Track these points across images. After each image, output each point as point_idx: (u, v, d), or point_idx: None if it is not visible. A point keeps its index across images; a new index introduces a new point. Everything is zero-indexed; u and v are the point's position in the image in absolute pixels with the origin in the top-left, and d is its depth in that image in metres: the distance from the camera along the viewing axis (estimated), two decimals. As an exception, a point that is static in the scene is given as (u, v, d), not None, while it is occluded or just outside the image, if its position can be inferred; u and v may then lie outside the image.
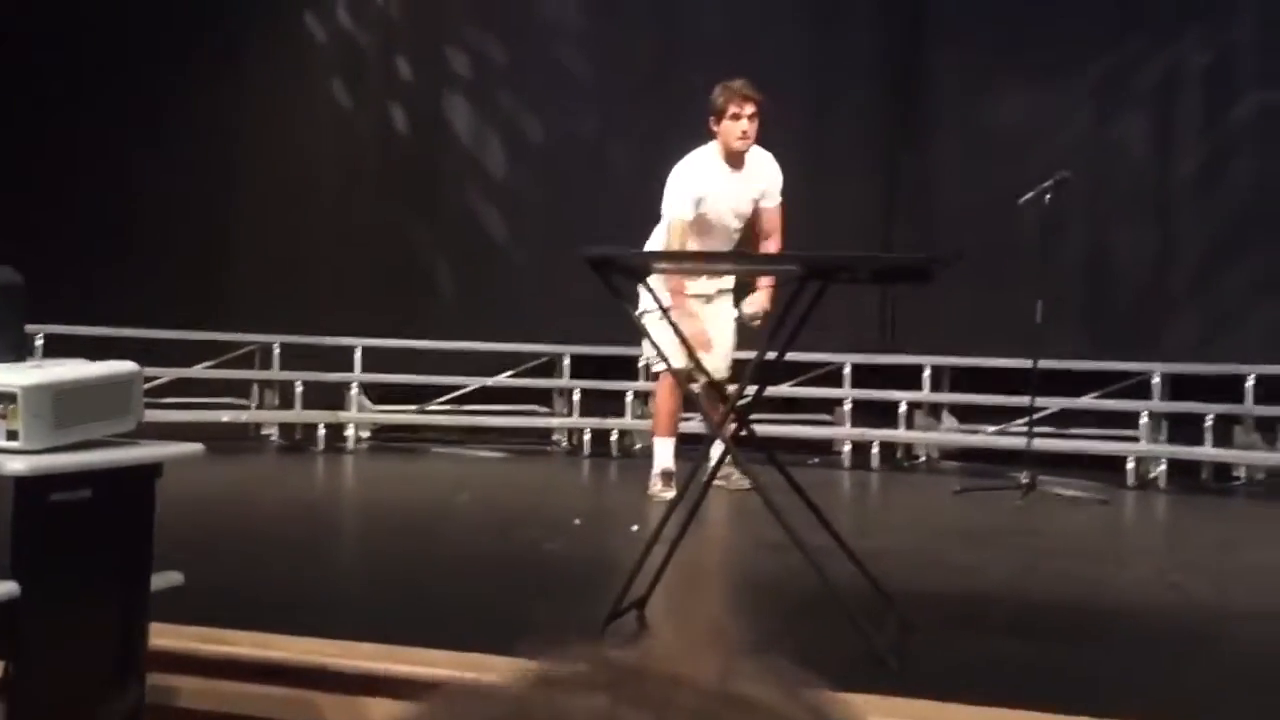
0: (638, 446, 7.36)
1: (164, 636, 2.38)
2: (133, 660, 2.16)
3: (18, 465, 1.87)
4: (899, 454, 7.20)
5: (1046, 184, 5.46)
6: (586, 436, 7.32)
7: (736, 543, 4.27)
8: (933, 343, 7.13)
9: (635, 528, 4.20)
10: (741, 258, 4.54)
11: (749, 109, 4.87)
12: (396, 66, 8.19)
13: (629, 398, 7.34)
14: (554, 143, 7.99)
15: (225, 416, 7.19)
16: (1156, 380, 6.68)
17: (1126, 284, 7.14)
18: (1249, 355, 6.52)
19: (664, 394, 5.12)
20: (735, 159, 4.96)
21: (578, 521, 4.59)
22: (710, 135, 5.01)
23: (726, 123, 4.90)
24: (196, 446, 2.21)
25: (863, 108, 7.48)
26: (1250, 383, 6.43)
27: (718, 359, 4.97)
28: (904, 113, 7.51)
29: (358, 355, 7.42)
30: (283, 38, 8.11)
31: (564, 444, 7.45)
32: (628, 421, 7.33)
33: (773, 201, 5.04)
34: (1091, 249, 7.15)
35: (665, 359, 3.91)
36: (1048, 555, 4.15)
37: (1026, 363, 5.68)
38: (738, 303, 5.13)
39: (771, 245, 5.04)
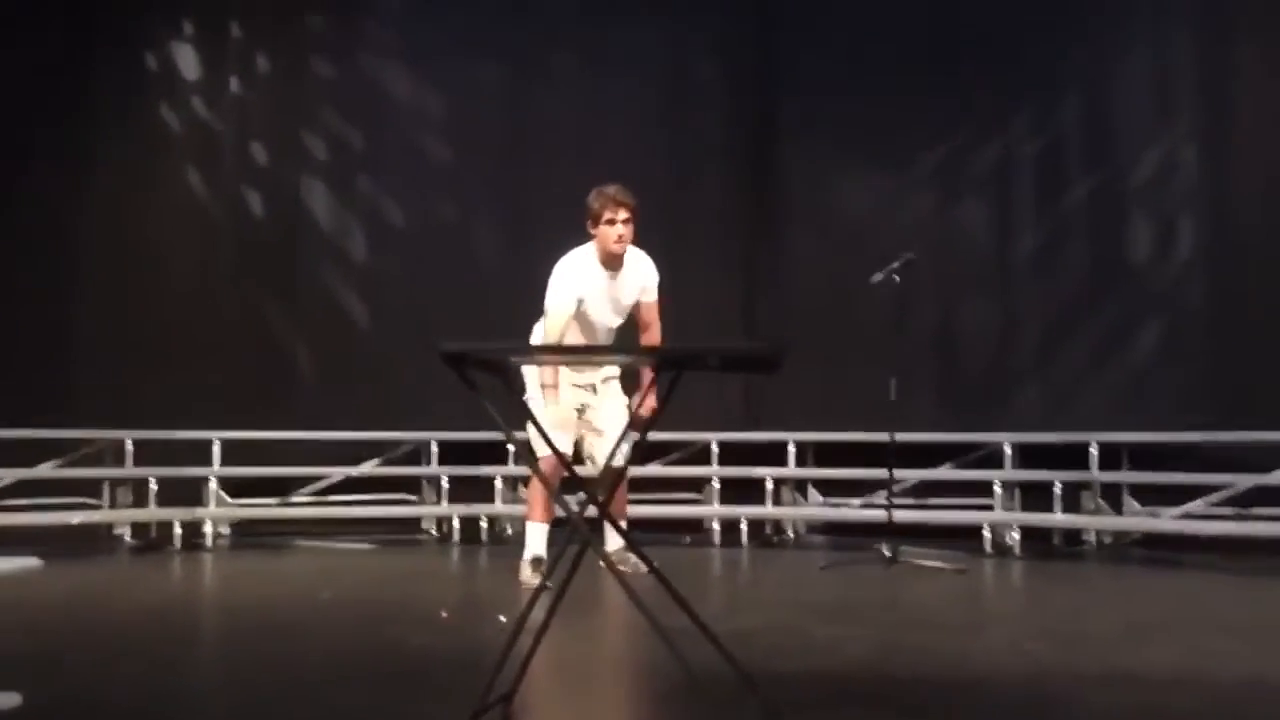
0: (508, 532, 7.32)
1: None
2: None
3: None
4: (768, 529, 7.31)
5: (895, 264, 5.69)
6: (455, 524, 7.25)
7: (604, 629, 4.26)
8: (795, 419, 7.31)
9: (503, 618, 4.17)
10: (599, 351, 4.64)
11: (623, 214, 5.03)
12: (252, 153, 8.12)
13: (498, 483, 7.31)
14: (414, 226, 8.00)
15: (75, 518, 6.89)
16: (1008, 450, 6.96)
17: (974, 358, 7.45)
18: (1091, 424, 6.85)
19: (538, 479, 5.11)
20: (612, 261, 5.13)
21: (444, 614, 4.52)
22: (588, 236, 5.14)
23: (603, 227, 5.06)
24: (33, 561, 2.13)
25: (718, 199, 7.73)
26: (1094, 450, 6.75)
27: (606, 444, 5.11)
28: (757, 203, 7.78)
29: (216, 449, 7.23)
30: (136, 127, 7.97)
31: (433, 532, 7.36)
32: (497, 507, 7.29)
33: (650, 297, 5.25)
34: (939, 326, 7.45)
35: (545, 442, 3.96)
36: (909, 628, 4.25)
37: (884, 436, 5.86)
38: (628, 389, 5.30)
39: (651, 336, 5.24)
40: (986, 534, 6.49)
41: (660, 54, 7.89)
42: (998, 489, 6.82)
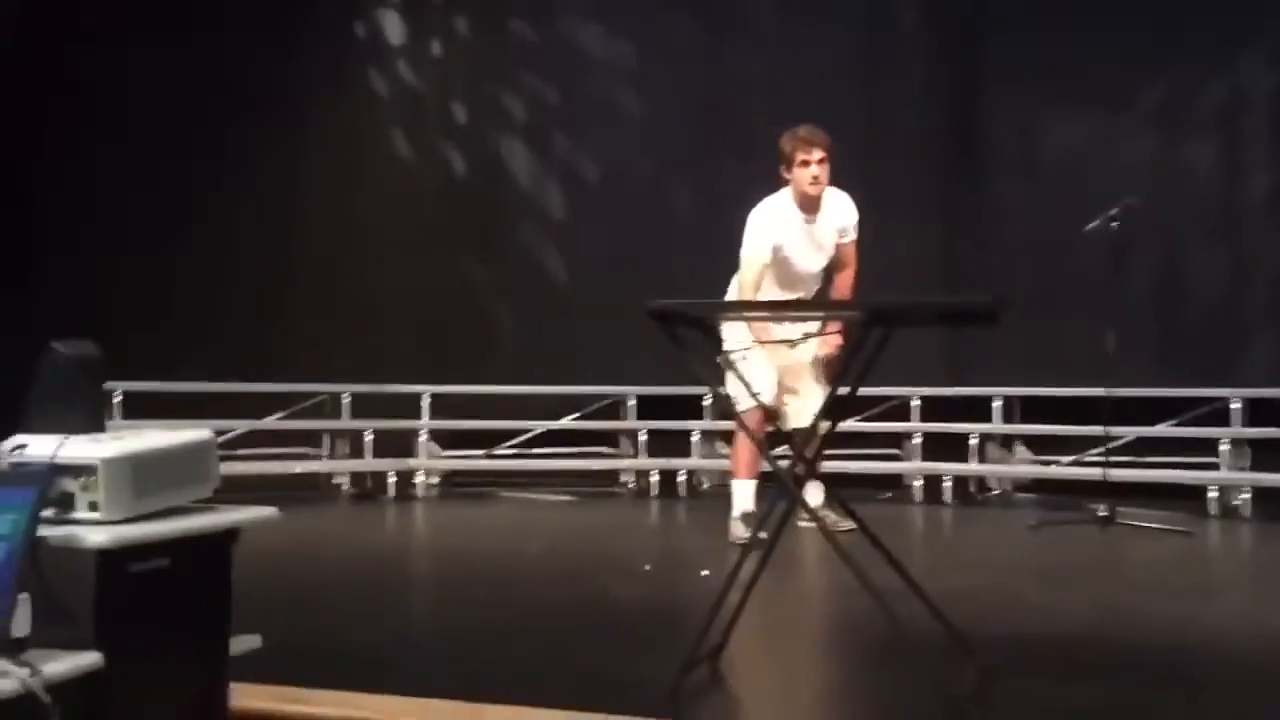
0: (705, 486, 7.35)
1: (246, 698, 2.41)
2: (214, 723, 2.19)
3: (99, 538, 1.90)
4: (972, 488, 7.10)
5: (1112, 211, 5.38)
6: (654, 478, 7.32)
7: (812, 587, 4.22)
8: (1002, 374, 7.04)
9: (706, 572, 4.18)
10: (807, 305, 4.51)
11: (817, 154, 4.91)
12: (453, 114, 8.32)
13: (695, 437, 7.33)
14: (611, 183, 8.05)
15: (298, 467, 7.28)
16: (1236, 406, 6.53)
17: (1199, 308, 7.00)
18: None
19: (743, 434, 5.07)
20: (809, 204, 5.00)
21: (648, 567, 4.57)
22: (783, 182, 5.03)
23: (796, 170, 4.94)
24: (271, 511, 2.24)
25: (920, 145, 7.45)
26: (1333, 406, 6.26)
27: (804, 403, 4.97)
28: (962, 148, 7.48)
29: (425, 402, 7.50)
30: (347, 93, 8.27)
31: (631, 485, 7.45)
32: (694, 461, 7.31)
33: (849, 237, 5.11)
34: (1161, 274, 7.02)
35: (752, 396, 3.95)
36: (1130, 592, 4.05)
37: (1099, 391, 5.58)
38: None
39: (847, 276, 5.14)
40: (1212, 495, 6.12)
41: (859, -2, 7.68)
42: (1225, 447, 6.42)
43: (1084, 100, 7.13)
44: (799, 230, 5.02)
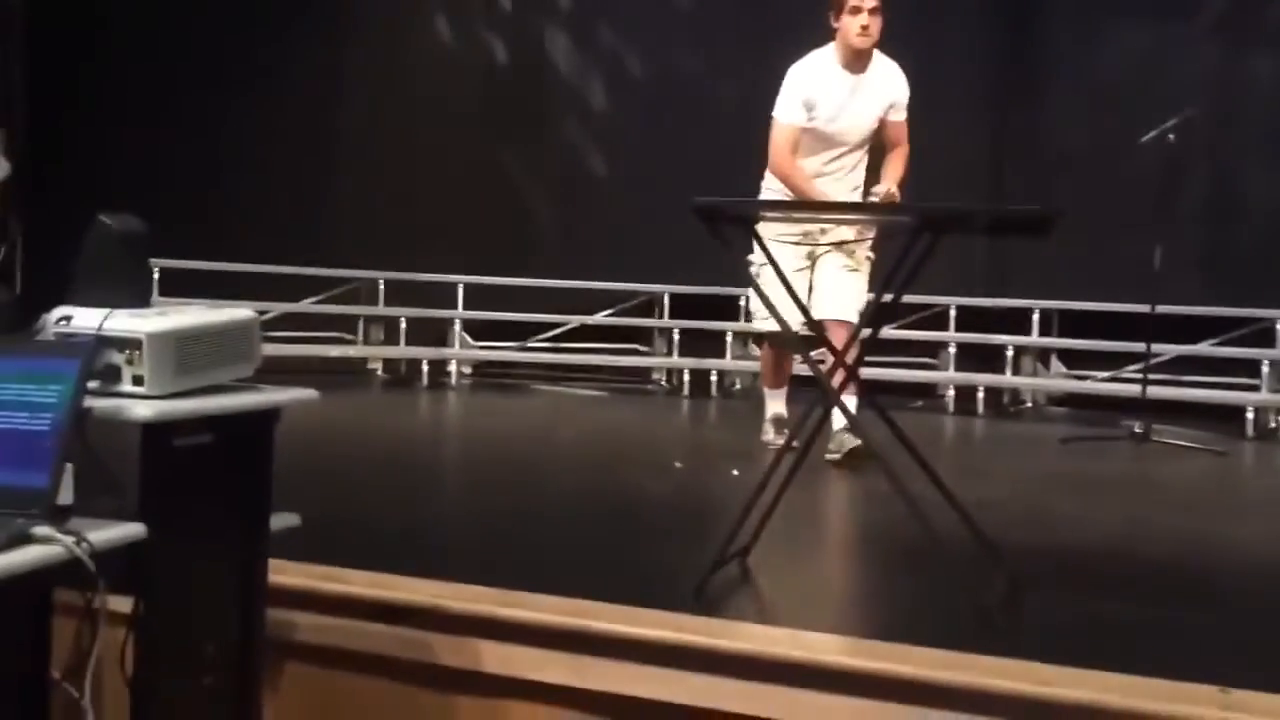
0: (737, 387, 7.36)
1: (283, 575, 2.45)
2: (254, 597, 2.23)
3: (144, 411, 1.92)
4: (1005, 399, 7.07)
5: (1171, 122, 5.23)
6: (686, 377, 7.33)
7: (842, 492, 4.23)
8: (1041, 286, 6.95)
9: (736, 472, 4.20)
10: (853, 208, 4.18)
11: (870, 2, 4.39)
12: (499, 1, 8.17)
13: (729, 338, 7.32)
14: (654, 78, 7.91)
15: (333, 351, 7.35)
16: (1279, 328, 6.44)
17: (1251, 227, 6.85)
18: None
19: (769, 350, 4.94)
20: (856, 61, 4.47)
21: (678, 464, 4.60)
22: (830, 36, 4.55)
23: (845, 18, 4.40)
24: (312, 393, 2.25)
25: (973, 46, 7.25)
26: (1381, 331, 6.16)
27: (837, 294, 4.44)
28: (1017, 51, 7.27)
29: (460, 292, 7.51)
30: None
31: (663, 384, 7.47)
32: (727, 362, 7.31)
33: (899, 115, 4.56)
34: (1214, 191, 6.87)
35: (775, 318, 3.79)
36: (1162, 509, 4.05)
37: (1141, 308, 5.49)
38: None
39: (898, 156, 4.58)
40: (1250, 416, 6.07)
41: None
42: (1265, 368, 6.34)
43: (1143, 10, 6.90)
44: (841, 89, 4.48)
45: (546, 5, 8.08)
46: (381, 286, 7.51)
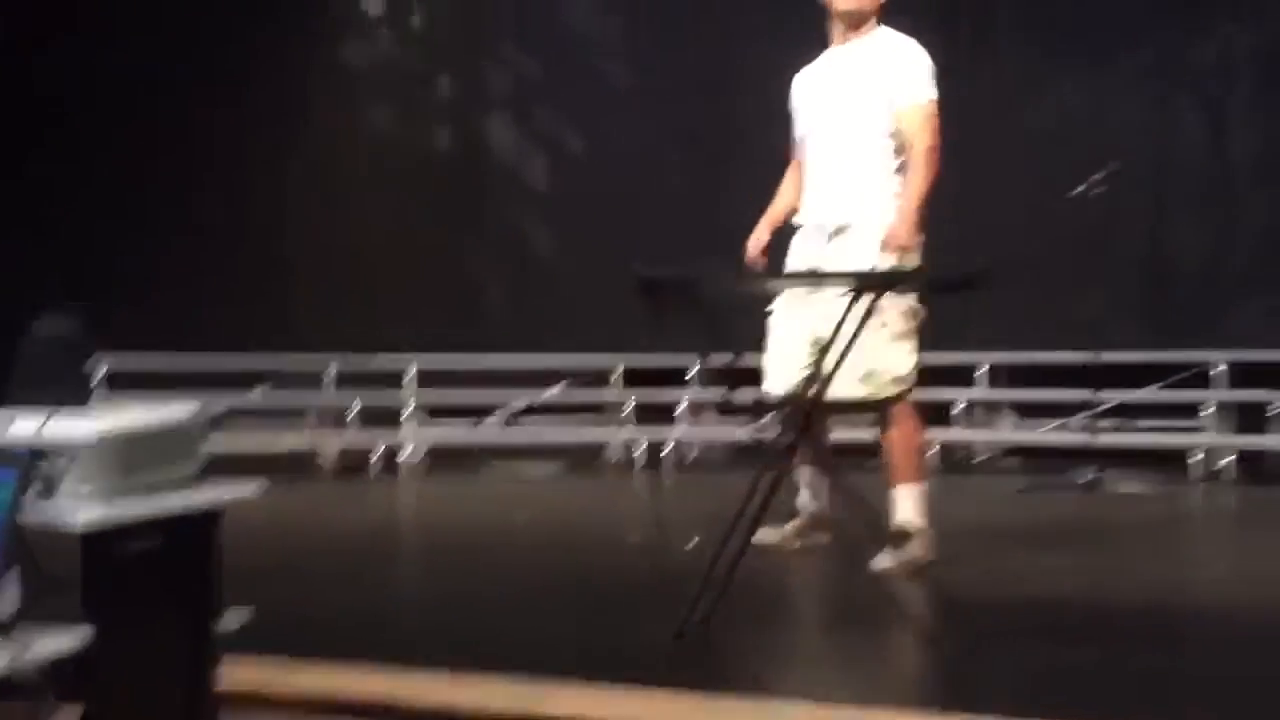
0: (693, 456, 7.35)
1: (234, 672, 2.40)
2: (203, 699, 2.18)
3: (84, 517, 1.88)
4: (958, 454, 7.12)
5: (1098, 176, 5.36)
6: (642, 448, 7.31)
7: (800, 558, 4.21)
8: (986, 339, 7.04)
9: (694, 541, 4.18)
10: (797, 278, 3.68)
11: None
12: (438, 86, 8.25)
13: (683, 407, 7.32)
14: (595, 153, 8.01)
15: (283, 442, 7.24)
16: (1220, 369, 6.56)
17: (1186, 272, 7.01)
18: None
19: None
20: (844, 33, 3.72)
21: (634, 538, 4.57)
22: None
23: None
24: (258, 486, 2.22)
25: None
26: (1317, 369, 6.29)
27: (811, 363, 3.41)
28: (951, 105, 7.42)
29: (411, 374, 7.47)
30: (327, 67, 8.19)
31: (619, 457, 7.45)
32: (683, 431, 7.31)
33: (905, 101, 3.64)
34: (1148, 238, 7.03)
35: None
36: (1118, 556, 4.08)
37: (1085, 356, 5.58)
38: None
39: (912, 167, 3.68)
40: (1196, 459, 6.15)
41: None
42: (1210, 411, 6.45)
43: (1072, 63, 7.11)
44: (823, 71, 3.75)
45: (486, 90, 8.18)
46: (332, 373, 7.45)
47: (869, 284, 2.70)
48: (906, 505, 3.70)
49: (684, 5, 7.85)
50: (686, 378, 7.22)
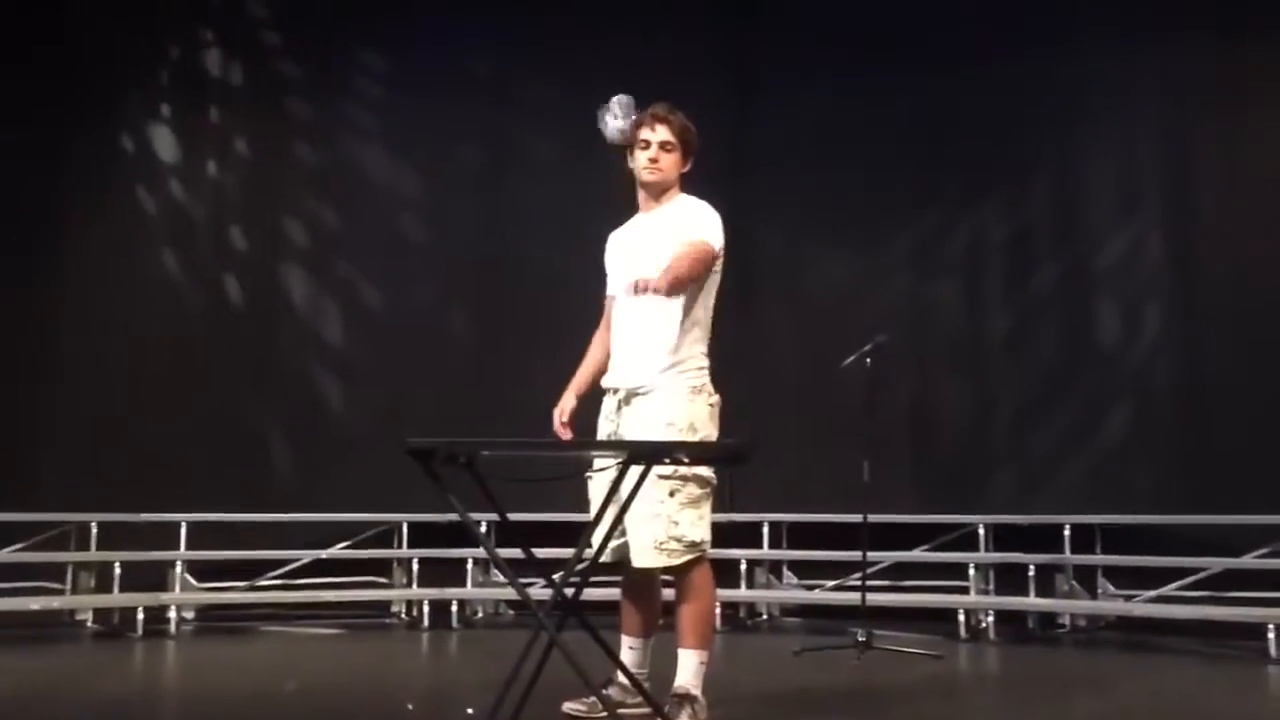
0: (479, 615, 7.23)
1: None
2: None
3: None
4: (741, 612, 7.23)
5: (866, 348, 5.69)
6: (425, 608, 7.15)
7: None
8: (768, 500, 7.27)
9: (471, 710, 4.08)
10: (578, 445, 3.71)
11: (661, 133, 3.81)
12: (230, 237, 8.12)
13: (469, 566, 7.23)
14: (391, 309, 8.00)
15: (35, 604, 6.75)
16: (982, 532, 6.94)
17: (948, 439, 7.46)
18: (1065, 506, 6.86)
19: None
20: (648, 200, 3.88)
21: (410, 706, 4.43)
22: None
23: (636, 153, 3.84)
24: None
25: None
26: (1067, 533, 6.74)
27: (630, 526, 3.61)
28: (728, 280, 7.78)
29: (183, 531, 7.13)
30: (112, 209, 7.97)
31: (403, 616, 7.25)
32: (468, 591, 7.20)
33: (692, 236, 3.73)
34: (913, 407, 7.47)
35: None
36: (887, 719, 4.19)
37: (857, 518, 5.82)
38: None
39: (681, 248, 3.68)
40: (961, 617, 6.44)
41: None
42: (972, 571, 6.79)
43: (844, 239, 7.61)
44: (629, 233, 3.92)
45: (280, 240, 8.10)
46: (94, 530, 7.03)
47: (640, 455, 2.77)
48: (687, 671, 3.73)
49: (475, 163, 8.04)
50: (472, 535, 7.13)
